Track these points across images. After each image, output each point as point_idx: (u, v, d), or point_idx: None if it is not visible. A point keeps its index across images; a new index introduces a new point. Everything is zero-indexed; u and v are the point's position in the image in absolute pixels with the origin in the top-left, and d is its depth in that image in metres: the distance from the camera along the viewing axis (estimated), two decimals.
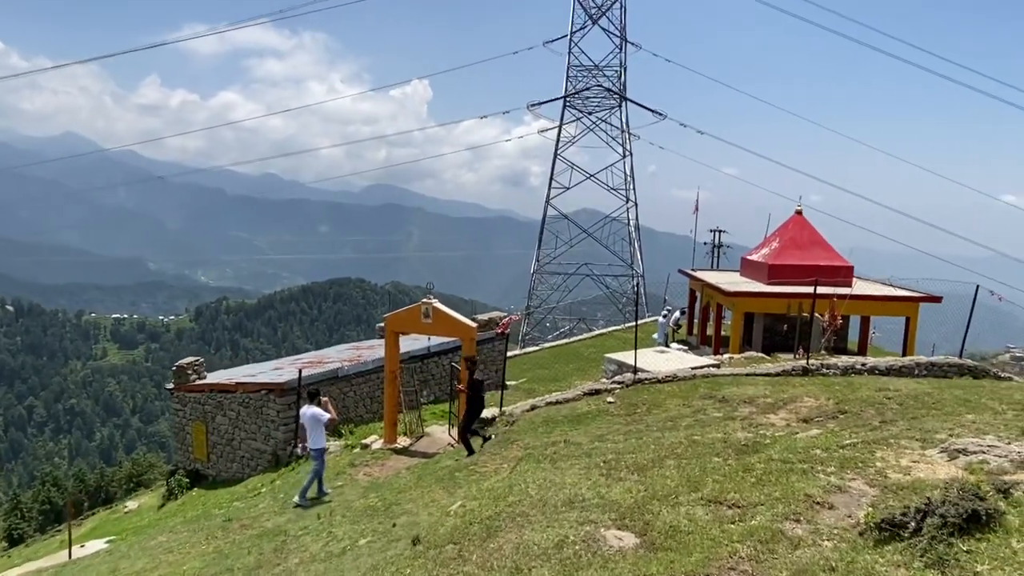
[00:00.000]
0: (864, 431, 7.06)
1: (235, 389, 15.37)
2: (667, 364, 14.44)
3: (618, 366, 15.31)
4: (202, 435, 16.25)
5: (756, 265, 26.76)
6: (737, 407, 9.81)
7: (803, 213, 27.42)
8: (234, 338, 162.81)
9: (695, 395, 11.77)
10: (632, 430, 9.33)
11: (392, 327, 12.58)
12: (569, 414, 11.37)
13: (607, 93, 58.84)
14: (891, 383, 12.20)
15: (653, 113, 57.02)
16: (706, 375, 13.38)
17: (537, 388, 22.06)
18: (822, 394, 10.27)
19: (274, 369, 16.96)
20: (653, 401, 11.57)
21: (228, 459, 15.92)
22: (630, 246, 60.12)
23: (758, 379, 12.98)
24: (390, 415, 12.83)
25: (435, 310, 12.17)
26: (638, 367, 13.67)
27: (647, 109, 57.47)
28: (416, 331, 12.82)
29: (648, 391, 12.25)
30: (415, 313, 12.29)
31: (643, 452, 7.27)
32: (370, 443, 13.08)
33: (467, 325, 12.07)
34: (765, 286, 25.20)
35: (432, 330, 12.54)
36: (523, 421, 11.40)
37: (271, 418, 14.81)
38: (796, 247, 26.19)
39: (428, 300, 12.27)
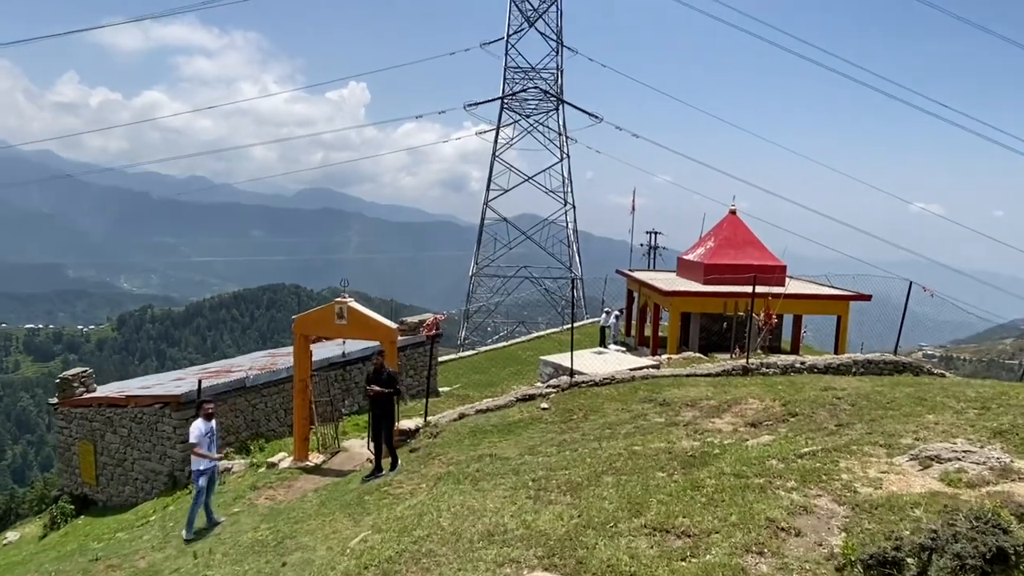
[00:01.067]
0: (820, 436, 6.31)
1: (127, 403, 13.59)
2: (605, 366, 13.64)
3: (554, 369, 14.40)
4: (90, 455, 14.35)
5: (692, 265, 26.55)
6: (679, 411, 9.00)
7: (737, 213, 27.43)
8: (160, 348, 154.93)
9: (634, 398, 10.95)
10: (567, 439, 8.37)
11: (301, 330, 11.24)
12: (500, 423, 10.33)
13: (544, 95, 58.55)
14: (835, 382, 11.71)
15: (589, 116, 57.05)
16: (645, 376, 12.62)
17: (471, 394, 20.95)
18: (767, 395, 9.60)
19: (174, 380, 15.21)
20: (590, 406, 10.67)
21: (120, 482, 14.10)
22: (568, 248, 59.95)
23: (699, 380, 12.31)
24: (300, 429, 11.46)
25: (350, 310, 10.91)
26: (575, 369, 12.79)
27: (584, 112, 57.48)
28: (329, 334, 11.51)
29: (585, 395, 11.35)
30: (327, 314, 10.99)
31: (578, 467, 6.30)
32: (277, 461, 11.67)
33: (386, 326, 10.87)
34: (702, 285, 24.95)
35: (347, 332, 11.26)
36: (449, 432, 10.28)
37: (167, 435, 13.13)
38: (731, 246, 26.11)
39: (342, 299, 11.00)
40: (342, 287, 11.16)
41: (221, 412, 13.79)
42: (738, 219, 26.99)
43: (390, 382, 10.01)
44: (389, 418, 10.11)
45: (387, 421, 10.12)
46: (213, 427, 9.42)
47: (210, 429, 9.33)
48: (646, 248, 43.47)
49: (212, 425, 9.36)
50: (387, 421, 10.12)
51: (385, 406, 10.05)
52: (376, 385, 10.01)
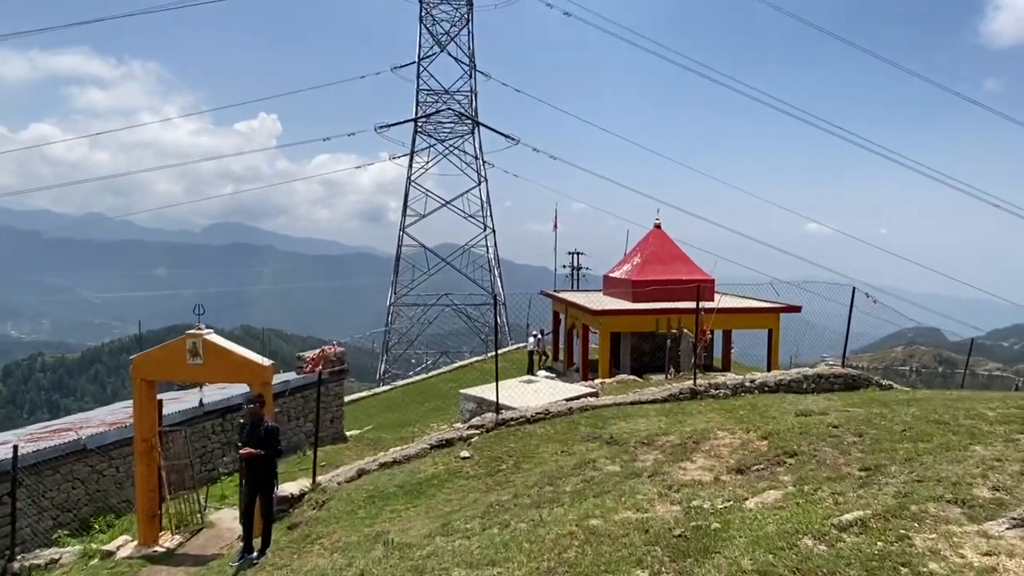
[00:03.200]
0: (850, 489, 4.47)
1: None
2: (536, 397, 11.63)
3: (477, 404, 12.23)
4: None
5: (619, 282, 25.20)
6: (636, 453, 7.04)
7: (661, 227, 26.44)
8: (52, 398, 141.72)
9: (576, 436, 8.94)
10: (495, 504, 6.21)
11: (142, 374, 8.58)
12: (408, 481, 8.03)
13: (458, 118, 57.10)
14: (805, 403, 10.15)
15: (506, 138, 55.93)
16: (584, 408, 10.67)
17: (385, 436, 18.37)
18: (735, 425, 7.82)
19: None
20: (523, 450, 8.57)
21: None
22: (490, 274, 58.15)
23: (646, 408, 10.48)
24: (144, 505, 8.72)
25: (208, 345, 8.39)
26: (501, 404, 10.69)
27: (500, 134, 56.33)
28: (181, 377, 8.92)
29: (515, 436, 9.24)
30: (177, 351, 8.42)
31: (512, 563, 4.15)
32: (115, 549, 8.85)
33: (257, 365, 8.40)
34: (631, 303, 23.58)
35: (205, 374, 8.71)
36: (341, 498, 7.88)
37: None
38: (658, 261, 24.97)
39: (197, 331, 8.47)
40: (196, 313, 8.62)
41: (52, 483, 10.74)
42: (664, 233, 25.97)
43: (267, 439, 7.55)
44: (266, 485, 7.63)
45: (264, 488, 7.63)
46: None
47: None
48: (569, 270, 42.25)
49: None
50: (264, 488, 7.63)
51: (260, 470, 7.58)
52: (251, 443, 7.54)
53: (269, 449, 7.51)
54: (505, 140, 55.42)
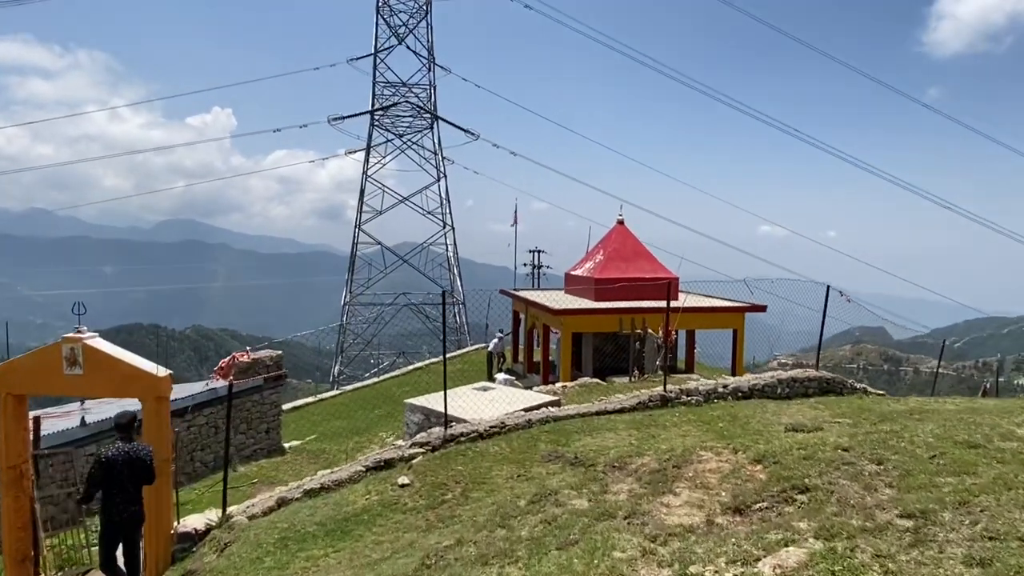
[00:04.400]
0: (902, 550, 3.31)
1: None
2: (491, 407, 10.37)
3: (424, 415, 10.89)
4: None
5: (581, 280, 24.13)
6: (607, 481, 5.86)
7: (624, 223, 25.50)
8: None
9: (535, 456, 7.72)
10: (433, 552, 4.92)
11: (8, 386, 7.00)
12: (332, 516, 6.67)
13: (416, 111, 55.41)
14: (783, 412, 9.16)
15: (465, 133, 54.49)
16: (545, 419, 9.46)
17: (327, 448, 16.86)
18: (718, 442, 6.71)
19: None
20: (472, 475, 7.30)
21: None
22: (449, 272, 56.63)
23: (614, 420, 9.33)
24: (12, 545, 7.14)
25: (90, 352, 6.88)
26: (451, 416, 9.38)
27: (459, 128, 54.87)
28: (57, 390, 7.36)
29: (465, 456, 7.96)
30: (51, 360, 6.88)
31: None
32: None
33: (149, 376, 6.93)
34: (593, 302, 22.54)
35: (87, 386, 7.17)
36: (248, 539, 6.47)
37: None
38: (621, 259, 23.99)
39: (77, 334, 6.94)
40: (76, 313, 7.08)
41: None
42: (627, 230, 25.01)
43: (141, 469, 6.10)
44: (133, 526, 6.18)
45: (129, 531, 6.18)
46: None
47: None
48: (530, 268, 41.11)
49: None
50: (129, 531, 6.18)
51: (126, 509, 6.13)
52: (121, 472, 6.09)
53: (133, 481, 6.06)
54: (465, 135, 54.03)
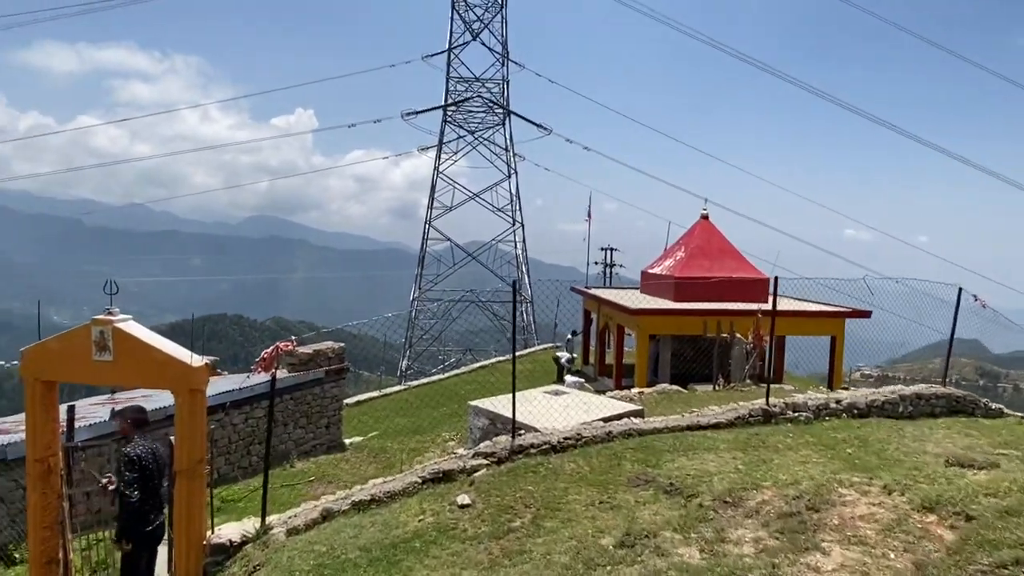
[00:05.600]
0: None
1: None
2: (564, 414, 9.16)
3: (490, 420, 9.79)
4: None
5: (660, 279, 22.50)
6: (720, 523, 4.53)
7: (709, 219, 23.68)
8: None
9: (619, 479, 6.45)
10: None
11: (36, 373, 6.40)
12: (379, 540, 5.63)
13: (489, 107, 54.76)
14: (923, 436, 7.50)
15: (538, 127, 53.42)
16: (628, 432, 8.15)
17: (389, 446, 16.06)
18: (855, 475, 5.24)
19: None
20: (544, 498, 6.10)
21: None
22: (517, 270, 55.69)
23: (712, 437, 7.92)
24: (38, 546, 6.55)
25: (119, 336, 6.15)
26: (521, 423, 8.23)
27: (531, 123, 53.84)
28: (86, 377, 6.69)
29: (536, 473, 6.78)
30: (80, 343, 6.20)
31: None
32: None
33: (180, 363, 6.13)
34: (673, 303, 20.91)
35: (115, 374, 6.45)
36: (280, 564, 5.53)
37: None
38: (705, 256, 22.23)
39: (108, 316, 6.23)
40: (107, 292, 6.36)
41: None
42: (712, 225, 23.20)
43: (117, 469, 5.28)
44: (147, 539, 5.34)
45: (143, 543, 5.35)
46: None
47: None
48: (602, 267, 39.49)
49: None
50: (143, 543, 5.35)
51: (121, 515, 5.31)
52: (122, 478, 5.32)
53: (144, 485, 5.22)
54: (537, 130, 52.91)
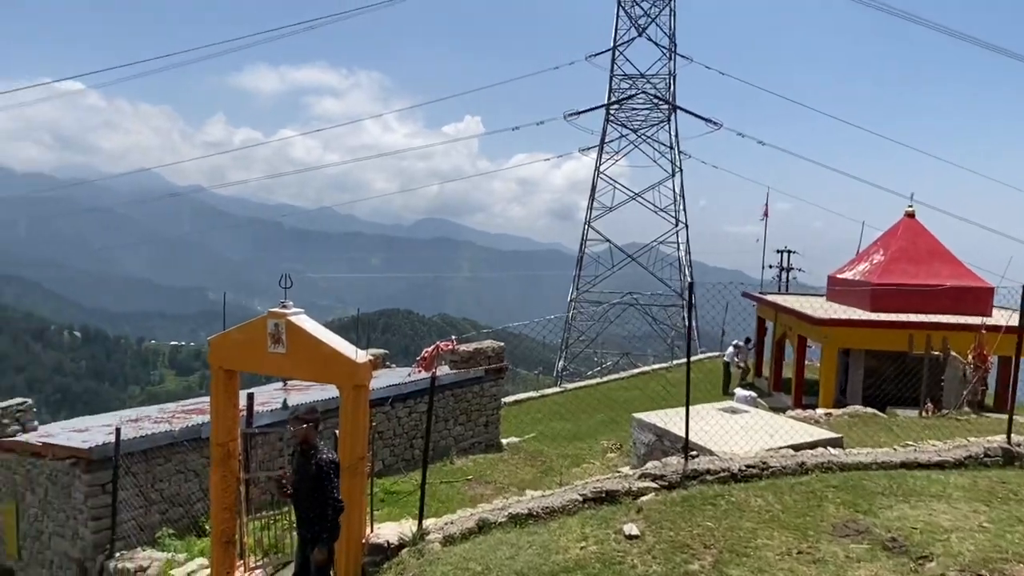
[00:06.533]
0: None
1: (45, 453, 9.79)
2: (745, 437, 8.06)
3: (657, 436, 8.93)
4: (12, 519, 10.69)
5: (853, 285, 19.86)
6: None
7: (915, 216, 20.50)
8: None
9: (822, 524, 5.35)
10: None
11: (221, 361, 6.73)
12: (536, 565, 5.11)
13: (654, 104, 52.87)
14: None
15: (707, 123, 50.58)
16: (826, 465, 6.92)
17: (545, 450, 15.69)
18: None
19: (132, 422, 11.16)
20: (727, 538, 5.20)
21: (38, 562, 10.25)
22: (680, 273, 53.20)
23: (936, 479, 6.43)
24: (219, 526, 6.90)
25: (291, 329, 6.26)
26: (692, 443, 7.32)
27: (700, 118, 51.08)
28: (262, 367, 6.92)
29: (715, 506, 5.87)
30: (257, 334, 6.42)
31: None
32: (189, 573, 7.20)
33: (345, 359, 6.09)
34: (869, 313, 18.33)
35: (287, 366, 6.58)
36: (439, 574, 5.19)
37: (77, 505, 9.11)
38: (909, 260, 19.25)
39: (282, 309, 6.38)
40: (282, 286, 6.51)
41: (163, 473, 9.55)
42: (918, 224, 20.07)
43: (320, 479, 5.18)
44: (319, 540, 5.24)
45: (315, 544, 5.26)
46: None
47: None
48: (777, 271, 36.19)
49: None
50: (315, 544, 5.26)
51: (313, 523, 5.24)
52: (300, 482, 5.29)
53: (322, 494, 5.09)
54: (706, 125, 50.12)
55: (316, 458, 5.26)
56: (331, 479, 5.20)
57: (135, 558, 8.52)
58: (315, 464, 5.22)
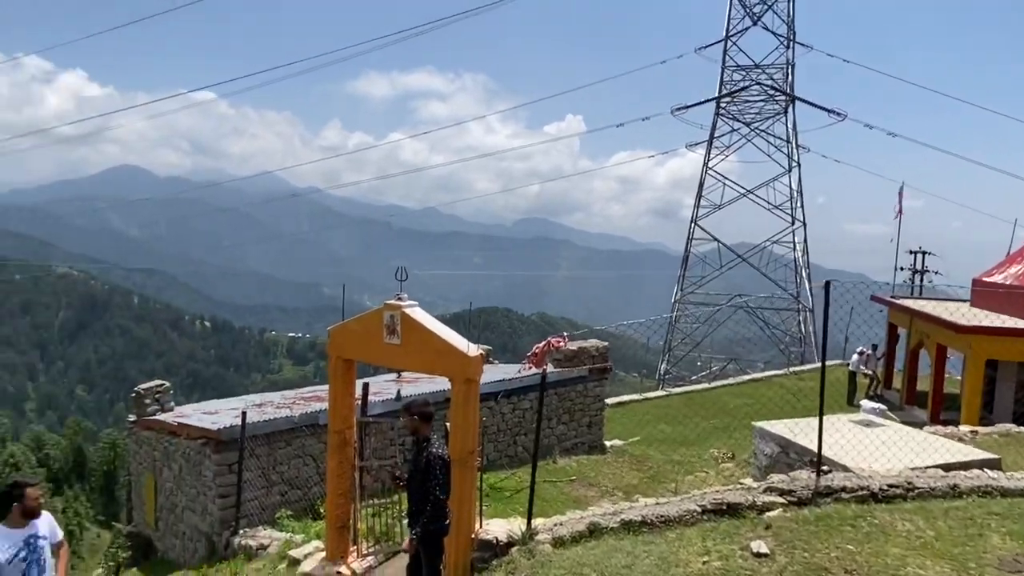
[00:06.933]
0: None
1: (180, 432, 10.55)
2: (884, 453, 7.29)
3: (781, 448, 8.29)
4: (151, 492, 11.64)
5: (1005, 289, 17.73)
6: None
7: None
8: None
9: (985, 557, 4.68)
10: None
11: (339, 351, 6.90)
12: (654, 574, 4.79)
13: (769, 95, 50.08)
14: None
15: (829, 113, 47.20)
16: (983, 489, 6.10)
17: (652, 455, 15.16)
18: None
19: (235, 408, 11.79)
20: (871, 564, 4.67)
21: (172, 533, 11.08)
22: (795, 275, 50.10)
23: None
24: (334, 511, 7.08)
25: (406, 320, 6.30)
26: (826, 458, 6.70)
27: (821, 109, 47.79)
28: (377, 358, 6.99)
29: (854, 527, 5.30)
30: (373, 325, 6.51)
31: None
32: (303, 557, 7.45)
33: (457, 352, 6.04)
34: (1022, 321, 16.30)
35: (400, 357, 6.63)
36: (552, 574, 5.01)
37: (207, 482, 9.73)
38: None
39: (397, 301, 6.44)
40: (398, 279, 6.58)
41: (283, 456, 10.02)
42: None
43: (426, 469, 5.15)
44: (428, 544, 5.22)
45: (427, 546, 5.24)
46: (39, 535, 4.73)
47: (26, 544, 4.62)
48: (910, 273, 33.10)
49: (36, 531, 4.73)
50: (427, 546, 5.24)
51: (418, 509, 5.21)
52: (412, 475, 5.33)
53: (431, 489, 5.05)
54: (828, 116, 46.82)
55: (427, 451, 5.25)
56: (436, 474, 5.18)
57: (256, 536, 8.98)
58: (424, 458, 5.21)
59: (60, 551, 4.97)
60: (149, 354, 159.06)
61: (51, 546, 4.84)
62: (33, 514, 4.68)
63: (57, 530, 5.00)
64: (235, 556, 8.86)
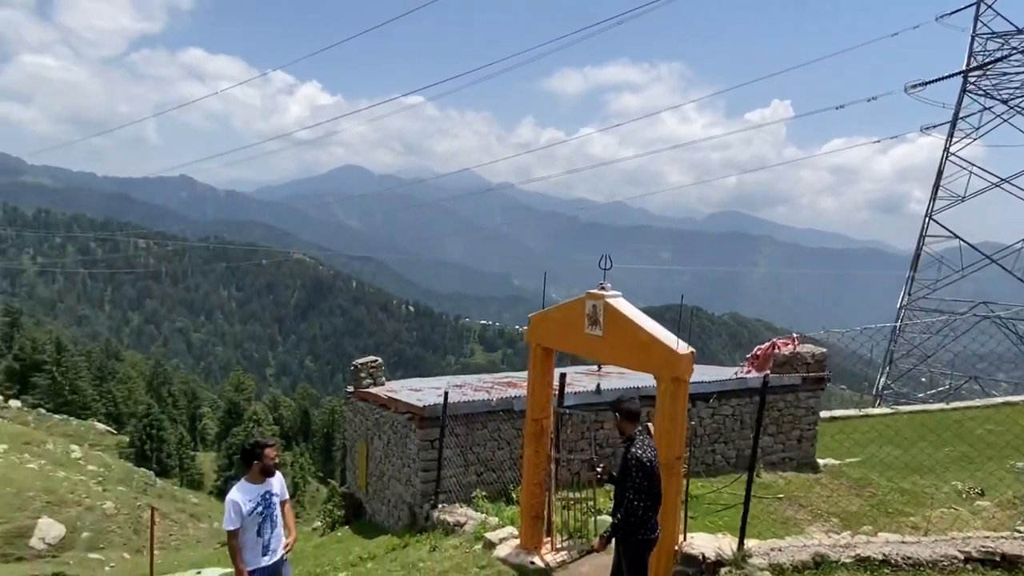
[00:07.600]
0: None
1: (389, 406, 11.31)
2: None
3: None
4: (364, 458, 12.67)
5: None
6: None
7: None
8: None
9: None
10: None
11: (538, 339, 6.76)
12: None
13: None
14: None
15: None
16: None
17: (875, 480, 13.23)
18: None
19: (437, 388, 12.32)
20: None
21: (379, 499, 11.93)
22: None
23: None
24: (528, 501, 6.98)
25: (609, 311, 5.96)
26: None
27: None
28: (577, 348, 6.70)
29: None
30: (575, 315, 6.26)
31: None
32: (498, 541, 7.44)
33: (665, 348, 5.56)
34: None
35: (602, 349, 6.28)
36: None
37: (411, 455, 10.27)
38: None
39: (601, 290, 6.13)
40: (602, 268, 6.27)
41: (480, 438, 10.29)
42: None
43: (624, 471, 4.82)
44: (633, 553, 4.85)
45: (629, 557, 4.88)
46: (273, 492, 5.25)
47: (262, 499, 5.13)
48: None
49: (271, 488, 5.24)
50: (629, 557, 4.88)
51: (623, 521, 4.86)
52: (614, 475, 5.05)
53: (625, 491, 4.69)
54: None
55: (629, 451, 4.92)
56: (631, 477, 4.82)
57: (454, 513, 9.30)
58: (625, 458, 4.89)
59: (285, 507, 5.45)
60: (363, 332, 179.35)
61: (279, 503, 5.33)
62: (270, 472, 5.18)
63: (285, 490, 5.50)
64: (434, 529, 9.27)
